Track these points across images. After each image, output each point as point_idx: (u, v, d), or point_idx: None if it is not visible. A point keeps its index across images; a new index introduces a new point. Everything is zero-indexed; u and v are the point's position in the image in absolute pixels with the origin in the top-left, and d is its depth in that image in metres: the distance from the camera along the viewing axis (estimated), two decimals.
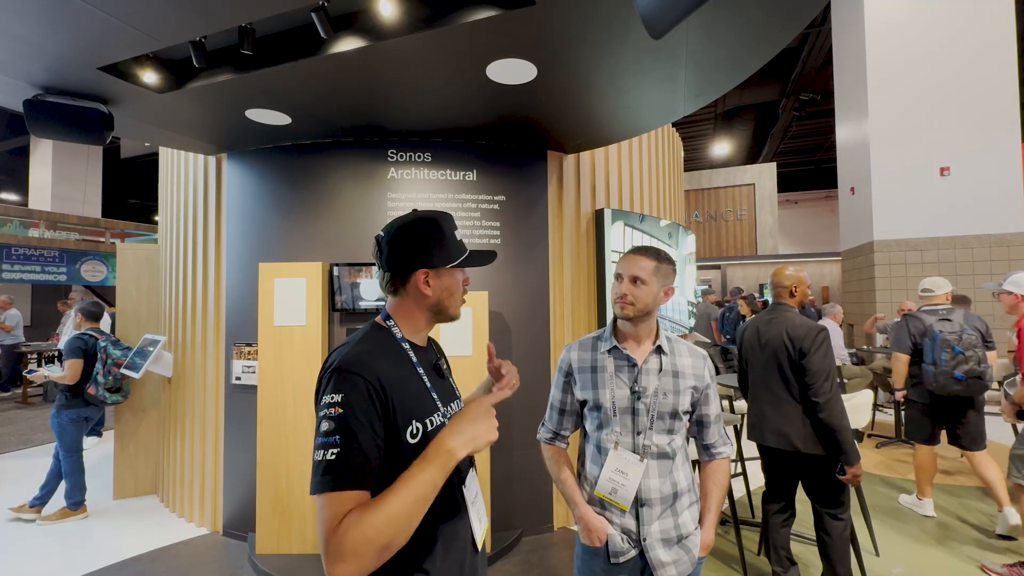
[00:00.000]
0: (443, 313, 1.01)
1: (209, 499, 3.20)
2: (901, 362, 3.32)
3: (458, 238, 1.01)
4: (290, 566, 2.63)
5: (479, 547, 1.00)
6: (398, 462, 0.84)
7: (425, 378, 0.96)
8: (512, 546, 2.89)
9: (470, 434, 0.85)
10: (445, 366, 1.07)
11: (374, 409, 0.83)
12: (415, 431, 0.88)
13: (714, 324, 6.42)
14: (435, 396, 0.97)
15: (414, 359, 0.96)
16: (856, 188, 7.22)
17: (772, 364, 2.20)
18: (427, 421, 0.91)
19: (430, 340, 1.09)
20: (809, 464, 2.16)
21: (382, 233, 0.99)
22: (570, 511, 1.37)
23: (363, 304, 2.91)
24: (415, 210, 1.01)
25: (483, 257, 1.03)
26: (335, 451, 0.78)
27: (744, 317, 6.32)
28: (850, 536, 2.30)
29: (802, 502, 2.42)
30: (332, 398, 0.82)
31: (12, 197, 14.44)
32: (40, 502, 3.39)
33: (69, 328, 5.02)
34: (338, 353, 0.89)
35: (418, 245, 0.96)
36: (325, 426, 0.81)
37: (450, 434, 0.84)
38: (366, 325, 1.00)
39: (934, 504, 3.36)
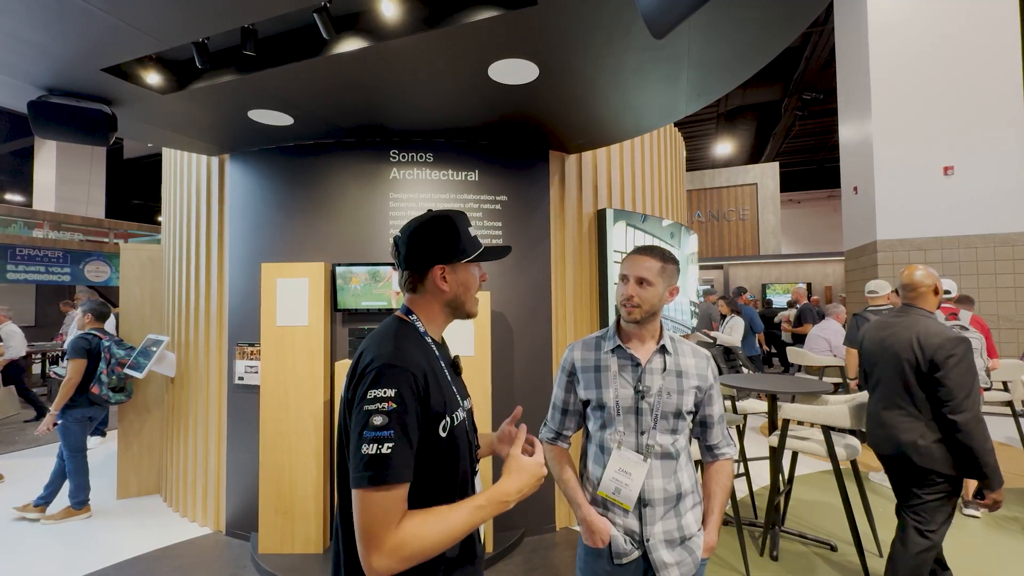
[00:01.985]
0: (460, 309, 1.04)
1: (212, 499, 3.20)
2: (851, 355, 3.91)
3: (472, 235, 1.04)
4: (292, 566, 2.63)
5: (479, 555, 1.02)
6: (432, 455, 0.89)
7: (447, 373, 0.99)
8: (514, 546, 2.89)
9: (524, 488, 0.94)
10: (459, 362, 1.09)
11: (418, 404, 0.86)
12: (445, 425, 0.92)
13: (715, 325, 6.41)
14: (456, 391, 1.00)
15: (437, 354, 0.99)
16: (859, 187, 7.20)
17: (895, 371, 2.00)
18: (454, 416, 0.95)
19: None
20: (921, 475, 1.95)
21: (400, 233, 1.02)
22: (572, 512, 1.37)
23: (365, 304, 2.92)
24: (430, 210, 1.04)
25: (497, 252, 1.07)
26: (390, 445, 0.80)
27: (724, 316, 6.35)
28: (933, 563, 2.04)
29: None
30: (385, 392, 0.83)
31: (16, 198, 14.51)
32: (44, 501, 3.41)
33: (73, 328, 5.04)
34: (375, 347, 0.90)
35: (434, 242, 0.99)
36: (378, 420, 0.81)
37: (510, 483, 0.93)
38: (389, 319, 1.01)
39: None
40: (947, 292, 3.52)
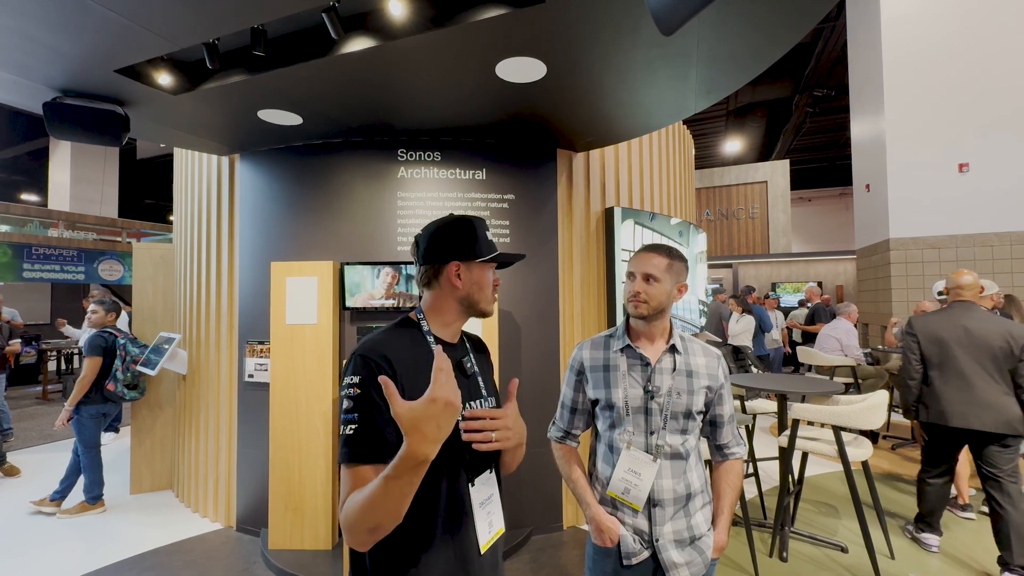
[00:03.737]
0: (474, 307, 1.06)
1: (223, 495, 3.24)
2: None
3: (490, 239, 1.08)
4: (302, 561, 2.66)
5: (482, 551, 0.98)
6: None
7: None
8: (521, 545, 2.89)
9: (419, 421, 0.77)
10: (469, 364, 1.08)
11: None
12: None
13: (725, 324, 6.36)
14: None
15: (433, 352, 0.99)
16: (872, 185, 7.09)
17: (985, 357, 2.52)
18: None
19: (465, 336, 1.14)
20: (994, 440, 2.51)
21: (421, 232, 1.08)
22: (581, 511, 1.37)
23: (374, 303, 2.93)
24: (452, 214, 1.08)
25: (511, 256, 1.10)
26: (353, 427, 0.87)
27: (732, 313, 6.34)
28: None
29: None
30: (351, 379, 0.90)
31: (32, 198, 14.76)
32: (60, 496, 3.47)
33: (85, 326, 5.13)
34: (363, 340, 0.99)
35: (452, 240, 1.04)
36: (345, 404, 0.90)
37: (409, 443, 0.77)
38: (397, 318, 1.07)
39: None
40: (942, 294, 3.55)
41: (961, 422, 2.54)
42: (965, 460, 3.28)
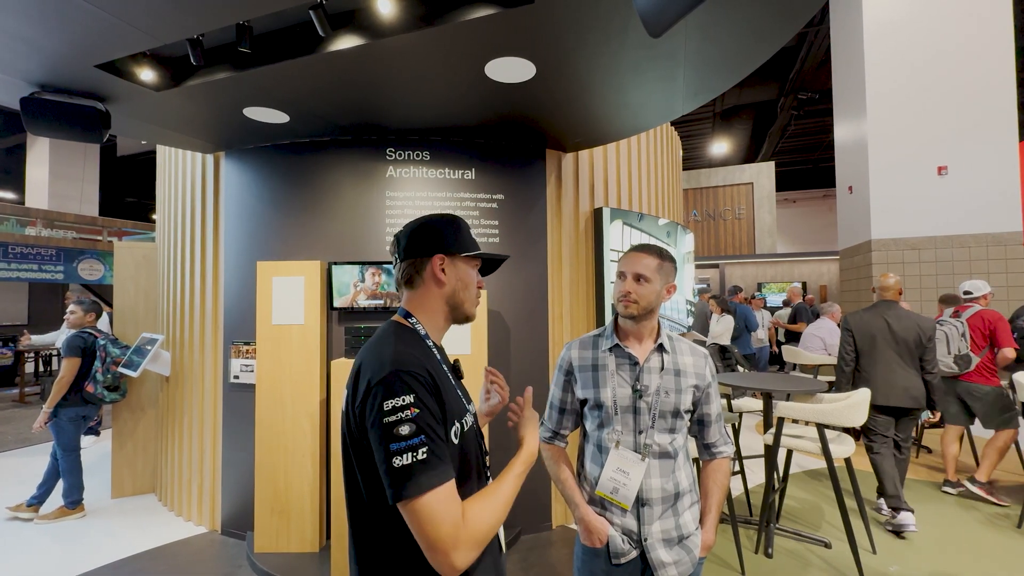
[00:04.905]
0: (459, 308, 1.02)
1: (207, 498, 3.19)
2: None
3: (473, 237, 1.06)
4: (288, 565, 2.63)
5: (503, 547, 1.02)
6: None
7: (451, 378, 0.97)
8: (510, 544, 2.89)
9: (537, 433, 1.05)
10: (459, 367, 1.07)
11: (437, 406, 0.85)
12: (456, 431, 0.90)
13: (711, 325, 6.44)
14: (461, 395, 0.98)
15: (439, 358, 0.96)
16: (854, 187, 7.23)
17: (902, 347, 3.11)
18: (463, 422, 0.93)
19: None
20: (906, 413, 3.15)
21: (401, 229, 1.03)
22: (569, 510, 1.37)
23: (362, 303, 2.91)
24: (433, 214, 1.05)
25: (496, 256, 1.09)
26: (424, 450, 0.79)
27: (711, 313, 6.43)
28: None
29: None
30: (403, 400, 0.80)
31: (9, 195, 14.37)
32: (38, 501, 3.39)
33: (64, 327, 5.01)
34: (376, 356, 0.87)
35: (435, 233, 0.99)
36: (406, 430, 0.79)
37: (532, 440, 1.02)
38: (387, 324, 0.97)
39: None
40: (968, 292, 3.81)
41: (884, 400, 3.10)
42: (955, 442, 3.69)
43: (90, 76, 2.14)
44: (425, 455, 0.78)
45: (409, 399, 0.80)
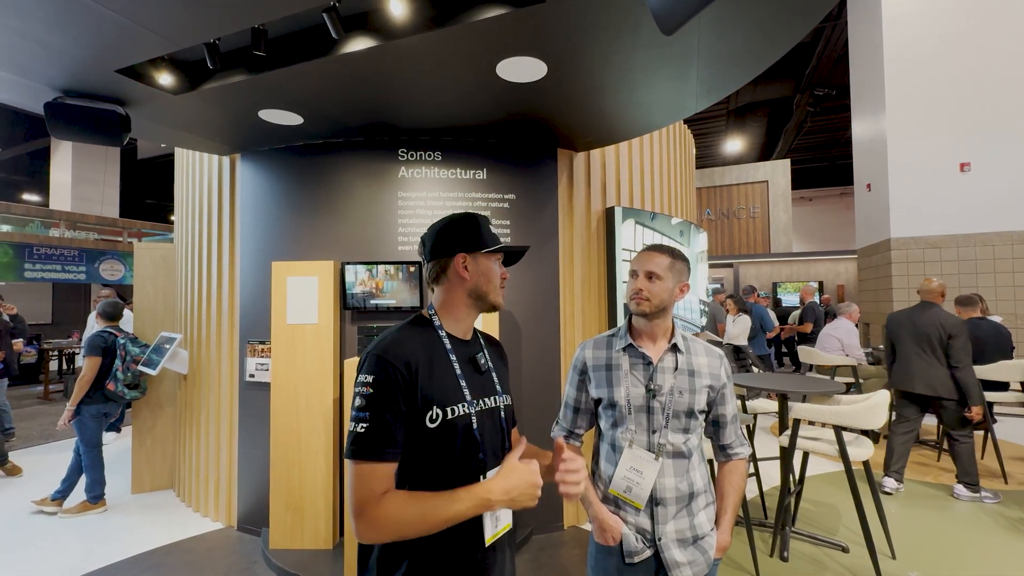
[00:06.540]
0: (483, 299, 1.08)
1: (224, 494, 3.25)
2: None
3: (493, 232, 1.11)
4: (303, 561, 2.66)
5: (486, 544, 1.00)
6: (418, 442, 0.95)
7: (458, 369, 1.02)
8: (522, 544, 2.89)
9: (512, 491, 0.93)
10: (484, 360, 1.10)
11: (399, 391, 0.93)
12: (435, 416, 0.96)
13: (720, 327, 6.35)
14: (464, 387, 1.02)
15: (449, 349, 1.03)
16: (873, 184, 7.09)
17: (923, 341, 3.46)
18: (448, 409, 0.98)
19: (477, 334, 1.15)
20: (941, 404, 3.44)
21: (426, 231, 1.10)
22: (583, 509, 1.37)
23: (375, 302, 2.93)
24: (454, 214, 1.12)
25: (516, 247, 1.14)
26: (364, 425, 0.91)
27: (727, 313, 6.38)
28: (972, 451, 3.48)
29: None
30: (365, 378, 0.93)
31: (34, 198, 14.78)
32: (61, 495, 3.48)
33: (91, 324, 5.16)
34: (377, 339, 1.00)
35: (457, 233, 1.07)
36: (357, 402, 0.92)
37: (496, 483, 0.94)
38: (410, 316, 1.08)
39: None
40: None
41: (903, 386, 3.55)
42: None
43: (111, 81, 2.19)
44: (364, 429, 0.90)
45: (369, 379, 0.92)
